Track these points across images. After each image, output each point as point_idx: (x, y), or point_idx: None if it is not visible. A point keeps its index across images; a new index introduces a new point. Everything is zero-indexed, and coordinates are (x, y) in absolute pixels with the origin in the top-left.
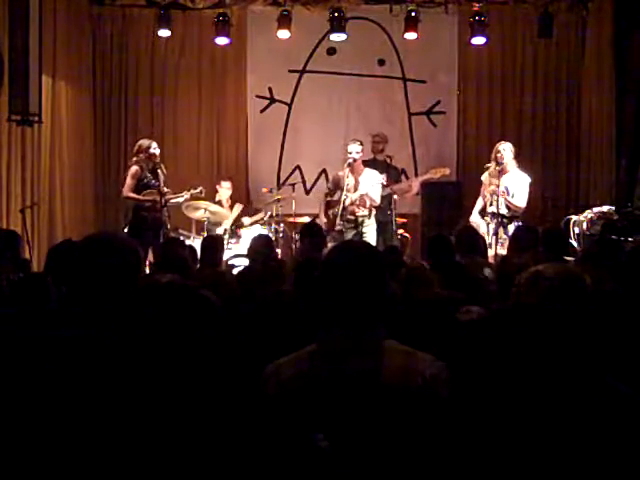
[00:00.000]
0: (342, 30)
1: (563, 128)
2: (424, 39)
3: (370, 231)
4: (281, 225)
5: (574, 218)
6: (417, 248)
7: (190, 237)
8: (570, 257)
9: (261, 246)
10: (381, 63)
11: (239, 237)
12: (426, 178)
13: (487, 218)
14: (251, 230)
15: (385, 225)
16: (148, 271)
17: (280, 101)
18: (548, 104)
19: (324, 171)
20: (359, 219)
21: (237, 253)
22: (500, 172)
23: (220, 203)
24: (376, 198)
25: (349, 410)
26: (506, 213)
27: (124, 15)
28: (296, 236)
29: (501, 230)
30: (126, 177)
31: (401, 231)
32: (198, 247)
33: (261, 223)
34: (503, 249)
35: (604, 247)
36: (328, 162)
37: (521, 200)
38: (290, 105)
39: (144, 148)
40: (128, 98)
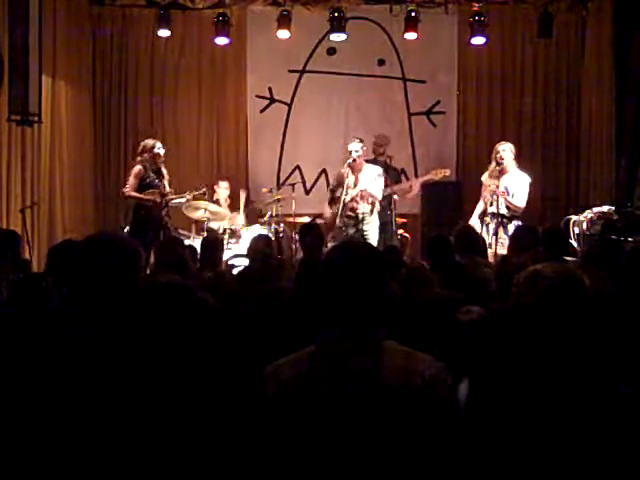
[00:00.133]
0: (342, 30)
1: (563, 128)
2: (424, 39)
3: (372, 229)
4: (281, 225)
5: (574, 218)
6: (417, 248)
7: (190, 237)
8: (570, 257)
9: (261, 246)
10: (381, 63)
11: (239, 237)
12: (427, 179)
13: (487, 218)
14: (251, 230)
15: (385, 225)
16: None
17: (280, 101)
18: (548, 104)
19: (324, 171)
20: (360, 216)
21: (237, 253)
22: (500, 172)
23: (218, 203)
24: (376, 193)
25: (349, 411)
26: (506, 213)
27: (124, 15)
28: (296, 236)
29: (501, 230)
30: (129, 176)
31: (401, 231)
32: (198, 247)
33: (261, 223)
34: (503, 249)
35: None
36: (328, 162)
37: (521, 200)
38: (290, 105)
39: (148, 148)
40: (128, 98)
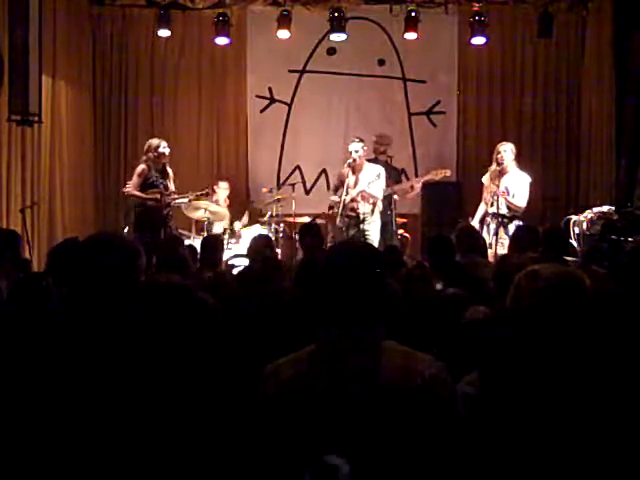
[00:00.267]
0: (342, 30)
1: (563, 128)
2: (424, 39)
3: (373, 229)
4: (281, 225)
5: (574, 218)
6: (417, 248)
7: (190, 237)
8: (570, 257)
9: (261, 246)
10: (381, 63)
11: (239, 237)
12: (427, 179)
13: (488, 218)
14: (251, 230)
15: (385, 225)
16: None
17: (280, 101)
18: (548, 104)
19: (324, 171)
20: (361, 216)
21: (237, 253)
22: (500, 172)
23: (217, 203)
24: (377, 194)
25: (348, 410)
26: (507, 213)
27: (124, 15)
28: (296, 236)
29: (501, 230)
30: (132, 175)
31: (401, 231)
32: (198, 247)
33: (261, 223)
34: (503, 249)
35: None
36: (328, 162)
37: (521, 200)
38: (290, 105)
39: (153, 147)
40: (128, 98)
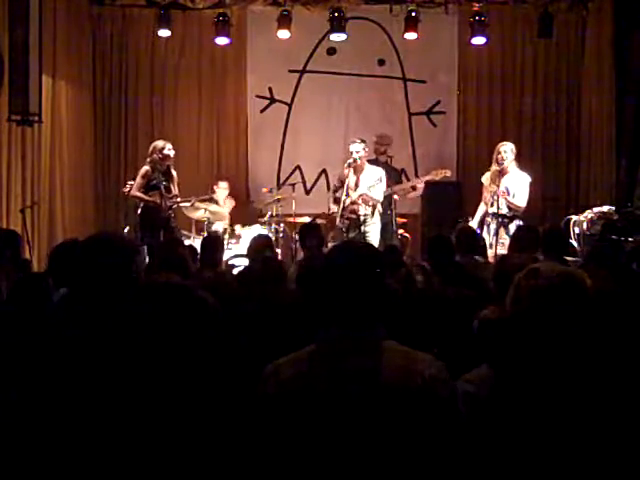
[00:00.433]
0: (342, 30)
1: (563, 128)
2: (424, 39)
3: (373, 230)
4: (281, 225)
5: (574, 218)
6: (417, 248)
7: (190, 237)
8: (570, 257)
9: (261, 246)
10: (381, 63)
11: (239, 237)
12: (427, 179)
13: (488, 219)
14: (251, 230)
15: (385, 225)
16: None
17: (280, 101)
18: (548, 104)
19: (324, 171)
20: (361, 218)
21: (237, 253)
22: (500, 172)
23: (217, 203)
24: (377, 196)
25: (349, 410)
26: (507, 213)
27: (124, 15)
28: (296, 236)
29: (502, 230)
30: (135, 176)
31: (401, 231)
32: (198, 247)
33: (261, 223)
34: (504, 249)
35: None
36: (328, 162)
37: (522, 200)
38: (290, 105)
39: (158, 149)
40: (128, 98)
